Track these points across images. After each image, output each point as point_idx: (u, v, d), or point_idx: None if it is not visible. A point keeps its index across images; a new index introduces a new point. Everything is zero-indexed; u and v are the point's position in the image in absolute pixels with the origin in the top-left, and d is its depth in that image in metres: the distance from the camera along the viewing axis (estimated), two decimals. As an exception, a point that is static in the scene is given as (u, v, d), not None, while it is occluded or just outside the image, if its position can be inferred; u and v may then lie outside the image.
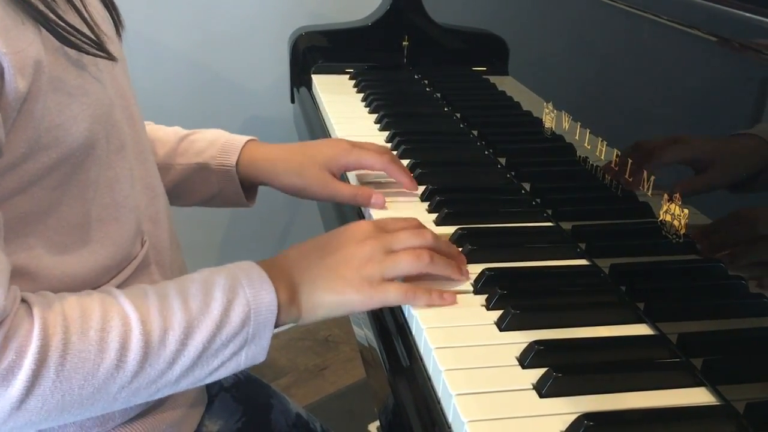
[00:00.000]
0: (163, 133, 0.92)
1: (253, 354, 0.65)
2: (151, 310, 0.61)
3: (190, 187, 0.92)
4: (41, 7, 0.59)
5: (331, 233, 0.73)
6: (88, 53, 0.63)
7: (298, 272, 0.69)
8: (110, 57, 0.65)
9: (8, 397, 0.55)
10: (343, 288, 0.68)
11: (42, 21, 0.59)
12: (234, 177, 0.90)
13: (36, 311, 0.57)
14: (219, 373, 0.65)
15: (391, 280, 0.70)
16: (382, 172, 0.92)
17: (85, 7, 0.65)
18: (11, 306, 0.56)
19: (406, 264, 0.70)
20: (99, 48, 0.64)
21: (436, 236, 0.74)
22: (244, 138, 0.93)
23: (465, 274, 0.74)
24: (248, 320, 0.64)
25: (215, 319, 0.63)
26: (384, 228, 0.73)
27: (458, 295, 0.72)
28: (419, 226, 0.76)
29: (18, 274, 0.60)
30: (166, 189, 0.82)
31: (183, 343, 0.61)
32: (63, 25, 0.60)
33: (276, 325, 0.66)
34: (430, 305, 0.70)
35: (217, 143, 0.91)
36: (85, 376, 0.58)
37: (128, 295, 0.62)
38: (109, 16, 0.73)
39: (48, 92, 0.59)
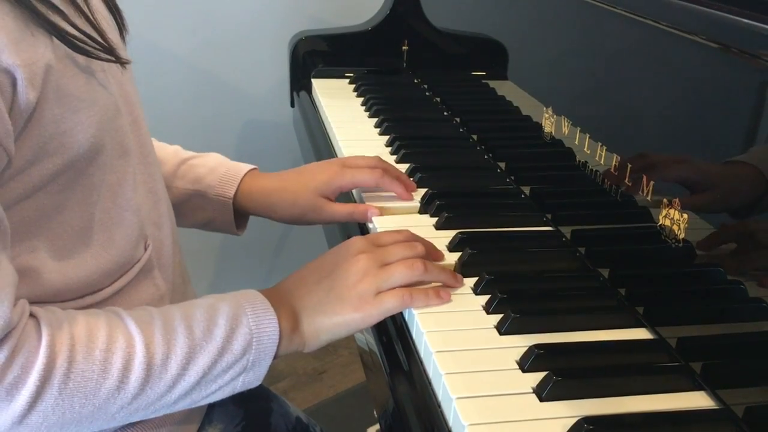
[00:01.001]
0: (164, 154, 0.92)
1: (249, 380, 0.66)
2: (155, 333, 0.62)
3: (184, 210, 0.92)
4: (51, 17, 0.59)
5: (326, 254, 0.74)
6: (99, 59, 0.63)
7: (298, 299, 0.70)
8: (121, 62, 0.66)
9: (11, 411, 0.56)
10: (341, 309, 0.69)
11: (53, 31, 0.59)
12: (229, 208, 0.91)
13: (44, 328, 0.58)
14: (215, 396, 0.66)
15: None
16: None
17: (92, 14, 0.65)
18: (18, 319, 0.56)
19: (399, 275, 0.70)
20: (110, 54, 0.64)
21: (426, 244, 0.75)
22: (244, 168, 0.93)
23: (460, 281, 0.75)
24: (250, 348, 0.65)
25: (217, 346, 0.63)
26: (377, 242, 0.74)
27: (458, 299, 0.72)
28: (412, 236, 0.77)
29: (21, 277, 0.61)
30: None
31: (184, 367, 0.62)
32: (74, 33, 0.60)
33: (277, 355, 0.67)
34: (427, 305, 0.70)
35: (217, 172, 0.91)
36: (87, 395, 0.58)
37: (134, 317, 0.63)
38: (114, 21, 0.73)
39: (55, 100, 0.59)
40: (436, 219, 0.89)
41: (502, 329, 0.68)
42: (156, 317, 0.63)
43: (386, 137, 1.15)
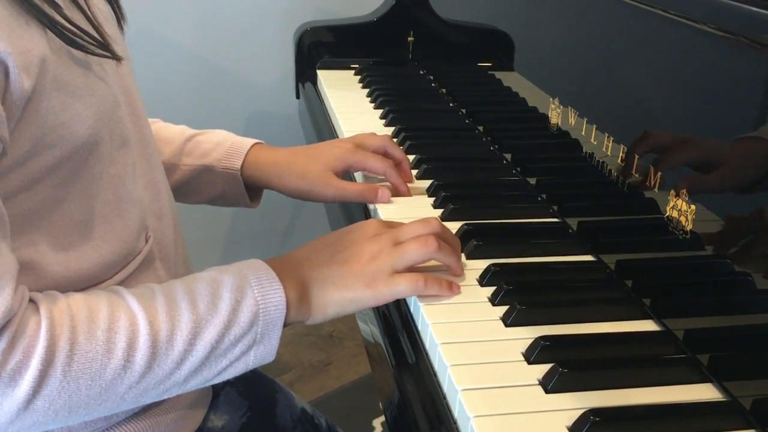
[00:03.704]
0: (170, 133, 0.92)
1: (261, 354, 0.65)
2: (158, 310, 0.61)
3: (195, 187, 0.92)
4: (46, 9, 0.59)
5: (341, 231, 0.73)
6: (93, 54, 0.63)
7: (308, 270, 0.69)
8: (115, 57, 0.65)
9: (15, 397, 0.55)
10: (353, 284, 0.68)
11: (47, 23, 0.59)
12: (238, 180, 0.91)
13: (43, 311, 0.57)
14: (228, 373, 0.65)
15: (402, 272, 0.70)
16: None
17: (89, 7, 0.65)
18: (18, 306, 0.56)
19: (413, 252, 0.69)
20: (104, 48, 0.64)
21: (442, 225, 0.74)
22: (251, 141, 0.93)
23: (462, 272, 0.74)
24: (257, 320, 0.64)
25: (223, 318, 0.62)
26: (391, 224, 0.74)
27: (464, 291, 0.72)
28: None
29: (22, 270, 0.60)
30: (171, 188, 0.82)
31: (191, 343, 0.61)
32: (68, 26, 0.60)
33: (285, 324, 0.66)
34: (439, 295, 0.70)
35: (223, 145, 0.92)
36: (92, 376, 0.58)
37: (136, 295, 0.62)
38: (112, 12, 0.73)
39: (52, 91, 0.59)
40: (441, 210, 0.88)
41: (508, 321, 0.67)
42: (158, 293, 0.63)
43: (392, 128, 1.15)
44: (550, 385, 0.59)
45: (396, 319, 0.74)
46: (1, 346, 0.54)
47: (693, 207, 0.67)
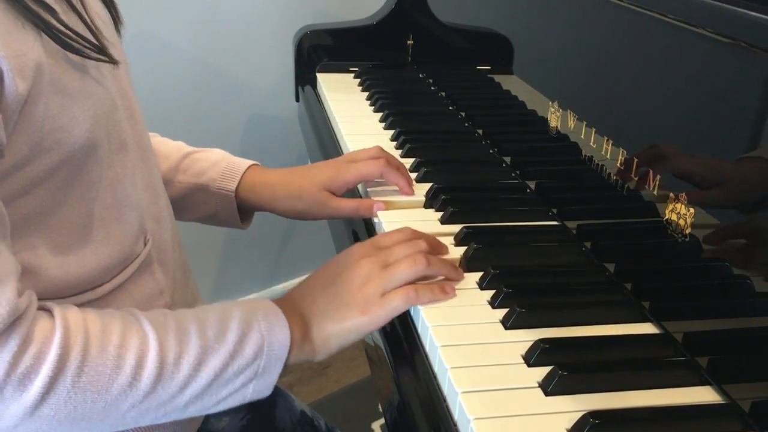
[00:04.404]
0: (167, 148, 0.92)
1: (260, 388, 0.66)
2: (169, 333, 0.62)
3: (187, 204, 0.92)
4: (42, 13, 0.59)
5: (329, 262, 0.74)
6: (89, 58, 0.63)
7: (307, 307, 0.70)
8: (112, 61, 0.66)
9: (23, 401, 0.55)
10: (348, 314, 0.69)
11: (43, 27, 0.59)
12: (232, 201, 0.91)
13: (59, 320, 0.58)
14: (225, 404, 0.65)
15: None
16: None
17: (86, 11, 0.65)
18: (25, 307, 0.56)
19: (403, 272, 0.70)
20: (101, 52, 0.64)
21: (426, 236, 0.75)
22: (247, 162, 0.93)
23: (461, 274, 0.75)
24: (261, 353, 0.65)
25: (230, 348, 0.63)
26: (378, 244, 0.74)
27: (464, 294, 0.72)
28: (413, 234, 0.76)
29: (21, 274, 0.60)
30: None
31: (196, 368, 0.62)
32: (65, 30, 0.60)
33: (288, 362, 0.67)
34: (433, 301, 0.70)
35: (219, 165, 0.92)
36: (99, 390, 0.58)
37: (148, 317, 0.63)
38: (108, 14, 0.73)
39: (49, 95, 0.59)
40: (441, 213, 0.88)
41: (508, 324, 0.68)
42: (170, 318, 0.64)
43: (391, 132, 1.15)
44: (549, 387, 0.59)
45: (396, 322, 0.74)
46: (12, 348, 0.54)
47: (692, 210, 0.67)
